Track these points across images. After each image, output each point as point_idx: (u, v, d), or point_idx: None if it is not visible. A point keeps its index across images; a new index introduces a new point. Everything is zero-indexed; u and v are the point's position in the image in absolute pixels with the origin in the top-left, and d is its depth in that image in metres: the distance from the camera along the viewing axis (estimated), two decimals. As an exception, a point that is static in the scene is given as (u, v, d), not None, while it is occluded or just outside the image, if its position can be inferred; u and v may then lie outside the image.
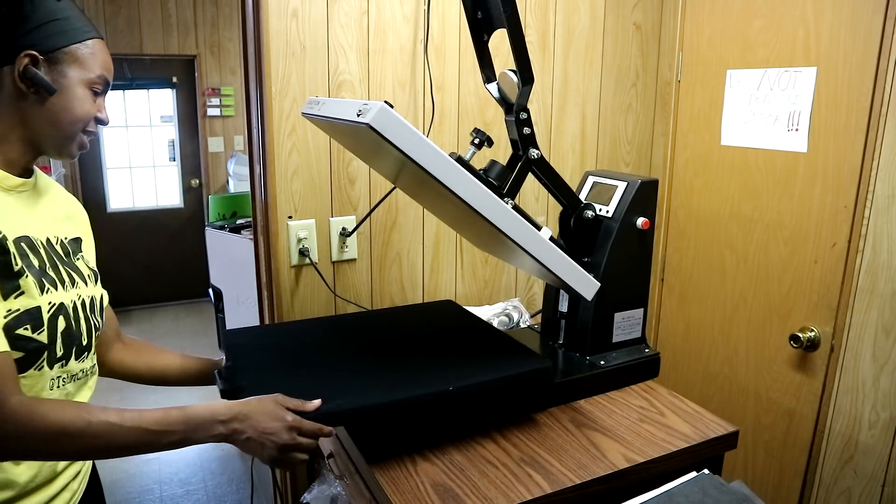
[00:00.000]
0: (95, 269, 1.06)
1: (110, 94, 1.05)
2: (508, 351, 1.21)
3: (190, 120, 5.09)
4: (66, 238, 1.01)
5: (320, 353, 1.22)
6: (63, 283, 0.93)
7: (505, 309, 1.59)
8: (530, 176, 1.19)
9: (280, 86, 1.44)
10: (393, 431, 1.07)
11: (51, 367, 0.90)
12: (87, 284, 1.00)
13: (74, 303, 0.95)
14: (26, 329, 0.86)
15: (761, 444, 1.72)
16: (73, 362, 0.94)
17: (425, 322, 1.40)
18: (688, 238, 1.91)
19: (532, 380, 1.13)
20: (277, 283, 1.53)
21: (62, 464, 0.97)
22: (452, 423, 1.12)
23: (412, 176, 1.07)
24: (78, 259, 1.01)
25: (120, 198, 5.07)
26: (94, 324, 1.00)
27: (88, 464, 1.08)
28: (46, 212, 0.99)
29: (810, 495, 1.59)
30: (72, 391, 0.96)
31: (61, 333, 0.91)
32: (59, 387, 0.93)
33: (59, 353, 0.91)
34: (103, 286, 1.07)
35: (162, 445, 0.88)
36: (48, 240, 0.96)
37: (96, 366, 1.04)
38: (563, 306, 1.36)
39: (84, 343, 0.96)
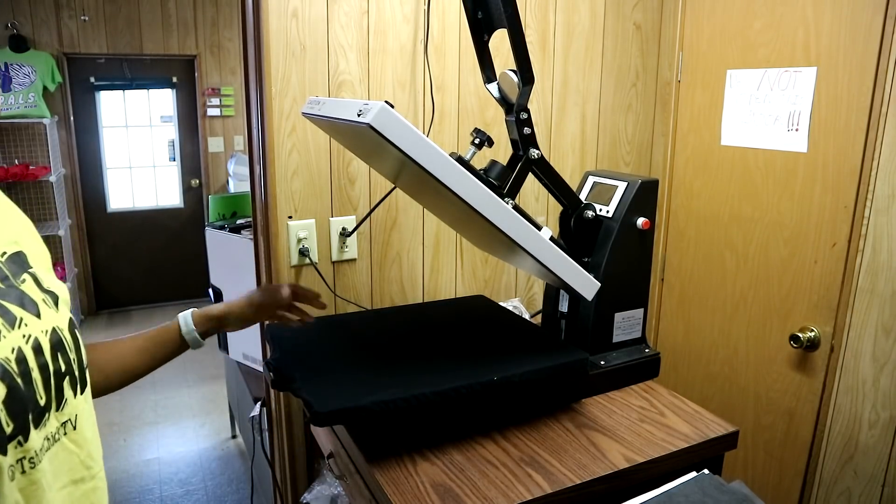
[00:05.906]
0: (54, 286, 0.73)
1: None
2: (547, 344, 1.27)
3: (190, 120, 5.09)
4: (1, 257, 0.68)
5: (362, 345, 1.26)
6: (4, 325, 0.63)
7: (505, 309, 1.60)
8: (530, 176, 1.19)
9: (280, 86, 1.44)
10: (438, 422, 1.11)
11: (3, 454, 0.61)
12: (40, 316, 0.69)
13: (20, 350, 0.64)
14: None
15: (761, 444, 1.72)
16: (33, 435, 0.64)
17: (460, 316, 1.46)
18: (688, 238, 1.91)
19: (571, 371, 1.18)
20: (277, 283, 1.53)
21: None
22: (493, 415, 1.16)
23: (412, 176, 1.07)
24: (23, 282, 0.69)
25: (120, 198, 5.07)
26: (60, 367, 0.69)
27: None
28: None
29: (810, 495, 1.59)
30: (43, 471, 0.65)
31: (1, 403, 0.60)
32: (22, 472, 0.62)
33: (8, 430, 0.61)
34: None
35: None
36: None
37: (78, 416, 0.72)
38: (564, 306, 1.36)
39: (43, 403, 0.66)
